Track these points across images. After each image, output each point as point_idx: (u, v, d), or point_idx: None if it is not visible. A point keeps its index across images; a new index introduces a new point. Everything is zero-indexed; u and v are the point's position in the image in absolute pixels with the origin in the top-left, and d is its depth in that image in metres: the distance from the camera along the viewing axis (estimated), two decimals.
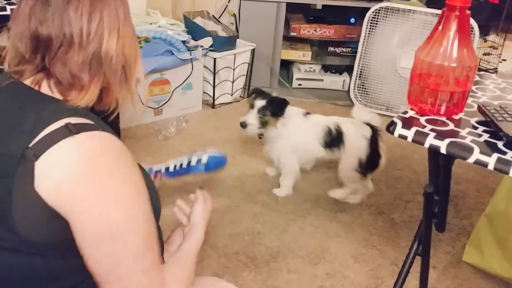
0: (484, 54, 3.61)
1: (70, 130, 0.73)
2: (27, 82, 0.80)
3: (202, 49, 2.67)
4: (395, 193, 2.17)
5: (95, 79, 0.80)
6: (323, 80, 3.19)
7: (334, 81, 3.19)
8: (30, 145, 0.72)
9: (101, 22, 0.78)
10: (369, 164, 1.95)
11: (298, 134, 2.00)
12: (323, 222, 1.96)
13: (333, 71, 3.22)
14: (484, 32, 3.82)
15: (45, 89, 0.79)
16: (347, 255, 1.79)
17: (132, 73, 0.85)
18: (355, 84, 2.98)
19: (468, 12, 0.97)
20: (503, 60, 3.70)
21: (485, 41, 3.72)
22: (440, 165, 1.07)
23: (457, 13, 0.96)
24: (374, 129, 1.95)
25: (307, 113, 2.03)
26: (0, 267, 0.78)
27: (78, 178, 0.72)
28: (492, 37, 3.80)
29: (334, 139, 1.96)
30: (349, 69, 3.14)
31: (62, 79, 0.78)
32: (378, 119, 1.97)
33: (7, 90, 0.81)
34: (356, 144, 1.92)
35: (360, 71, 2.95)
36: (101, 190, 0.74)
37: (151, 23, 2.53)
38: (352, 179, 1.99)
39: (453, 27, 0.97)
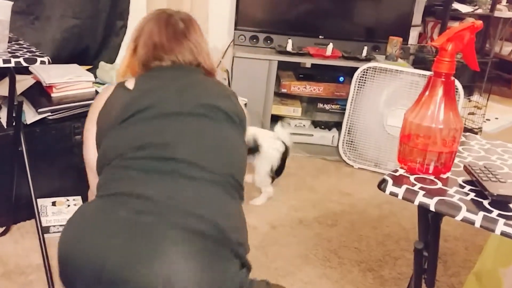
0: (469, 113, 3.73)
1: None
2: None
3: None
4: (384, 250, 2.18)
5: None
6: (312, 135, 3.25)
7: (324, 137, 3.25)
8: None
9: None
10: (278, 172, 2.43)
11: None
12: (312, 278, 1.96)
13: (323, 126, 3.29)
14: (468, 93, 3.96)
15: None
16: None
17: None
18: (344, 140, 3.05)
19: (453, 78, 1.03)
20: (487, 120, 3.82)
21: (469, 101, 3.85)
22: (430, 222, 1.10)
23: (443, 79, 1.02)
24: (286, 147, 2.42)
25: None
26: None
27: None
28: (476, 97, 3.93)
29: (250, 148, 2.25)
30: (338, 125, 3.22)
31: None
32: (290, 141, 2.46)
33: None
34: (269, 154, 2.38)
35: (349, 128, 3.02)
36: None
37: None
38: (266, 183, 2.45)
39: (440, 92, 1.03)
